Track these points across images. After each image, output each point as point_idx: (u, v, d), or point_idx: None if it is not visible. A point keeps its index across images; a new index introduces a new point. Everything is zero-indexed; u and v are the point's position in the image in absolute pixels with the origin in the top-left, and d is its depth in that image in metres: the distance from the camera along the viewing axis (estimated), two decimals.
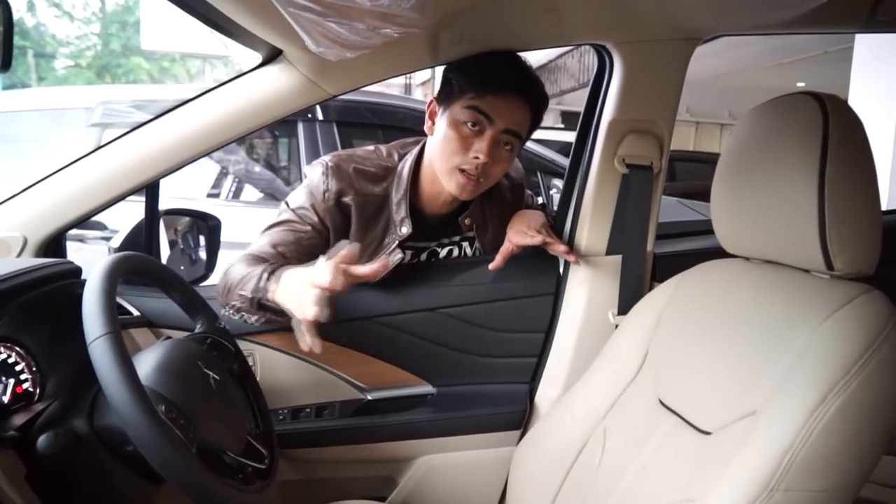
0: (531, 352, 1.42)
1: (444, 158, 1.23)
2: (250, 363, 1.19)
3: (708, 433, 0.89)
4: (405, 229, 1.31)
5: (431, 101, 1.28)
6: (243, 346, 1.28)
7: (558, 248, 1.28)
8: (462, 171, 1.22)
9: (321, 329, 0.98)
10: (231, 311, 1.20)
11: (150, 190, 1.38)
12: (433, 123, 1.28)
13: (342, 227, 1.30)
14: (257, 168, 3.39)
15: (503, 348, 1.41)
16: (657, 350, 1.08)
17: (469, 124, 1.20)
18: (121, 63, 14.80)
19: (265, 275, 1.12)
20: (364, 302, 1.36)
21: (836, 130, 0.82)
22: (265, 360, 1.31)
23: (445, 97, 1.24)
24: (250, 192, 3.31)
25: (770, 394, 0.81)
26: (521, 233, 1.31)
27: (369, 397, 1.39)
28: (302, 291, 0.97)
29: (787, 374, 0.80)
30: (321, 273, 0.95)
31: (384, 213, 1.31)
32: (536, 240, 1.27)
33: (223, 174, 3.24)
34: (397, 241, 1.31)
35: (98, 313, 0.77)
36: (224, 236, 1.59)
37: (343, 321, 1.32)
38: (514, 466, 1.30)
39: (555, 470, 1.14)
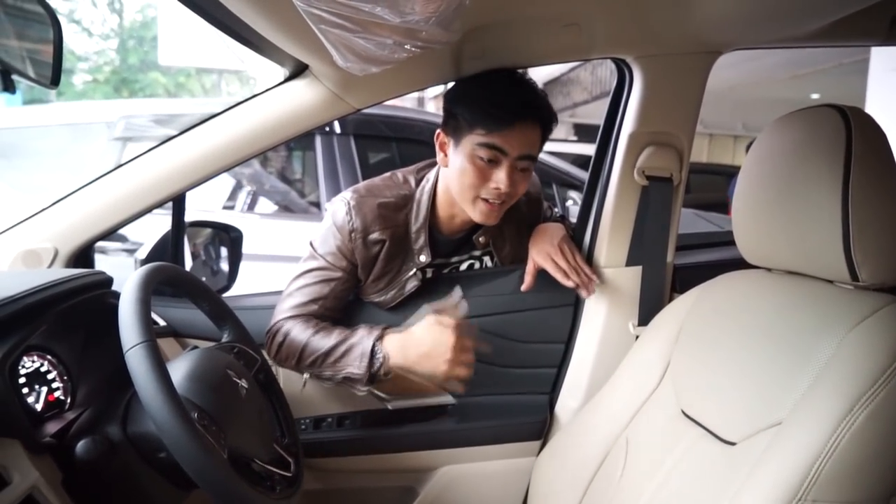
0: (551, 362, 1.42)
1: (464, 190, 1.24)
2: (274, 372, 1.21)
3: (732, 444, 0.89)
4: (423, 258, 1.33)
5: (439, 134, 1.27)
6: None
7: (585, 288, 1.33)
8: (484, 199, 1.23)
9: None
10: (313, 377, 1.30)
11: (176, 202, 1.41)
12: (445, 155, 1.27)
13: (368, 262, 1.31)
14: (272, 180, 3.42)
15: (523, 358, 1.41)
16: (679, 361, 1.08)
17: (484, 158, 1.20)
18: (138, 78, 14.96)
19: (373, 353, 1.21)
20: (384, 312, 1.38)
21: (859, 142, 0.83)
22: (288, 370, 1.32)
23: (454, 130, 1.23)
24: (265, 205, 3.34)
25: (796, 404, 0.81)
26: (546, 256, 1.33)
27: (390, 407, 1.40)
28: (435, 355, 1.16)
29: (813, 384, 0.80)
30: (443, 332, 1.16)
31: (406, 242, 1.33)
32: (557, 275, 1.31)
33: (238, 186, 3.27)
34: (415, 269, 1.33)
35: (134, 322, 0.79)
36: None
37: None
38: (534, 477, 1.31)
39: (576, 481, 1.15)
